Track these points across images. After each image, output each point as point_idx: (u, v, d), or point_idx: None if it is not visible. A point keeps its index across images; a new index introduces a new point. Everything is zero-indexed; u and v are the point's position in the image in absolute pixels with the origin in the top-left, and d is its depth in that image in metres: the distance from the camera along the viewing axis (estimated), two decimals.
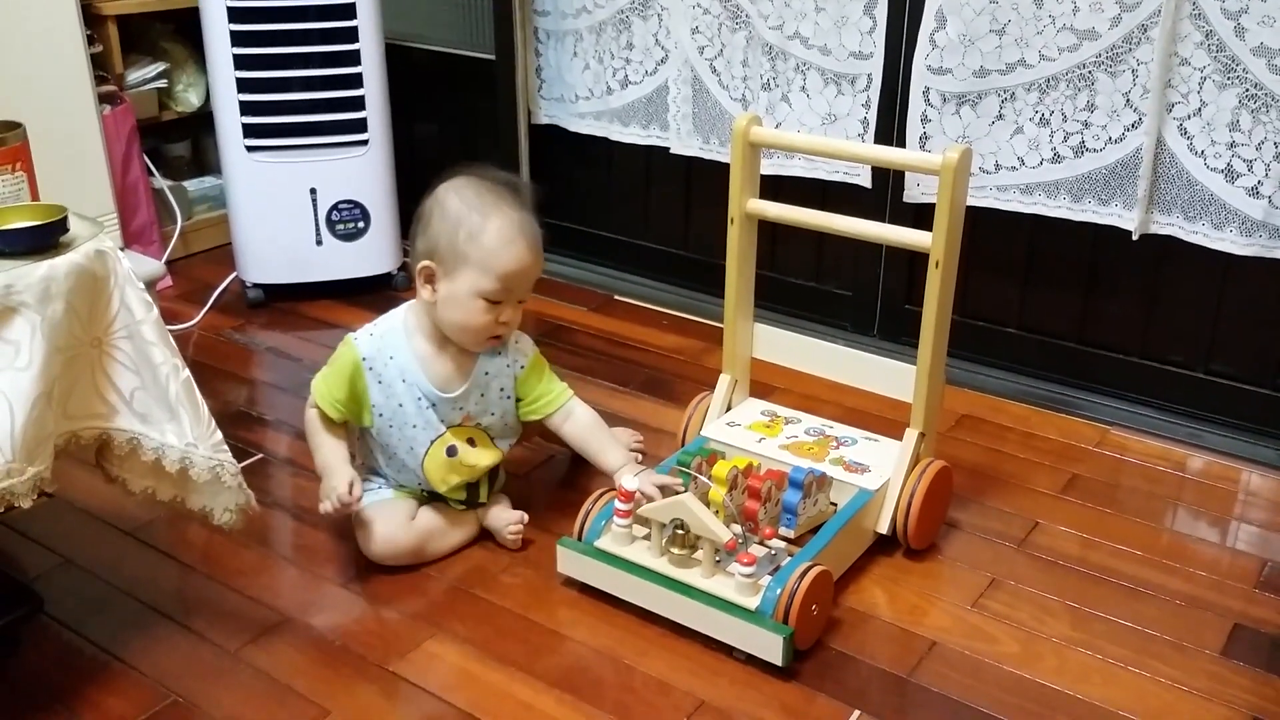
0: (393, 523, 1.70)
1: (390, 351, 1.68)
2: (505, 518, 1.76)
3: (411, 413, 1.69)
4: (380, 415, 1.70)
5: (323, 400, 1.69)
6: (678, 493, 1.60)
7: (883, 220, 2.23)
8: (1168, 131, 1.99)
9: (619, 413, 2.15)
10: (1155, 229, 2.05)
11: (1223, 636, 1.59)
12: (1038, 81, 2.07)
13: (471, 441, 1.72)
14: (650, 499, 1.61)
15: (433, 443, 1.70)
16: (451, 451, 1.71)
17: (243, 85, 2.48)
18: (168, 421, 1.43)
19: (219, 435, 1.46)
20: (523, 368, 1.74)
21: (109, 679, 1.51)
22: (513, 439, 1.79)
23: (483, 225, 1.61)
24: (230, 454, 1.47)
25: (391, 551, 1.70)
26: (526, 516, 1.77)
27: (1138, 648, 1.57)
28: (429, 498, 1.76)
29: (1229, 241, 1.98)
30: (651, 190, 2.70)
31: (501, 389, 1.73)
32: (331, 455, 1.69)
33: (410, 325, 1.70)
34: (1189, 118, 1.96)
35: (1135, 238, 2.04)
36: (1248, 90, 1.89)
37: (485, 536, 1.79)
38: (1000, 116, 2.13)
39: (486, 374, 1.71)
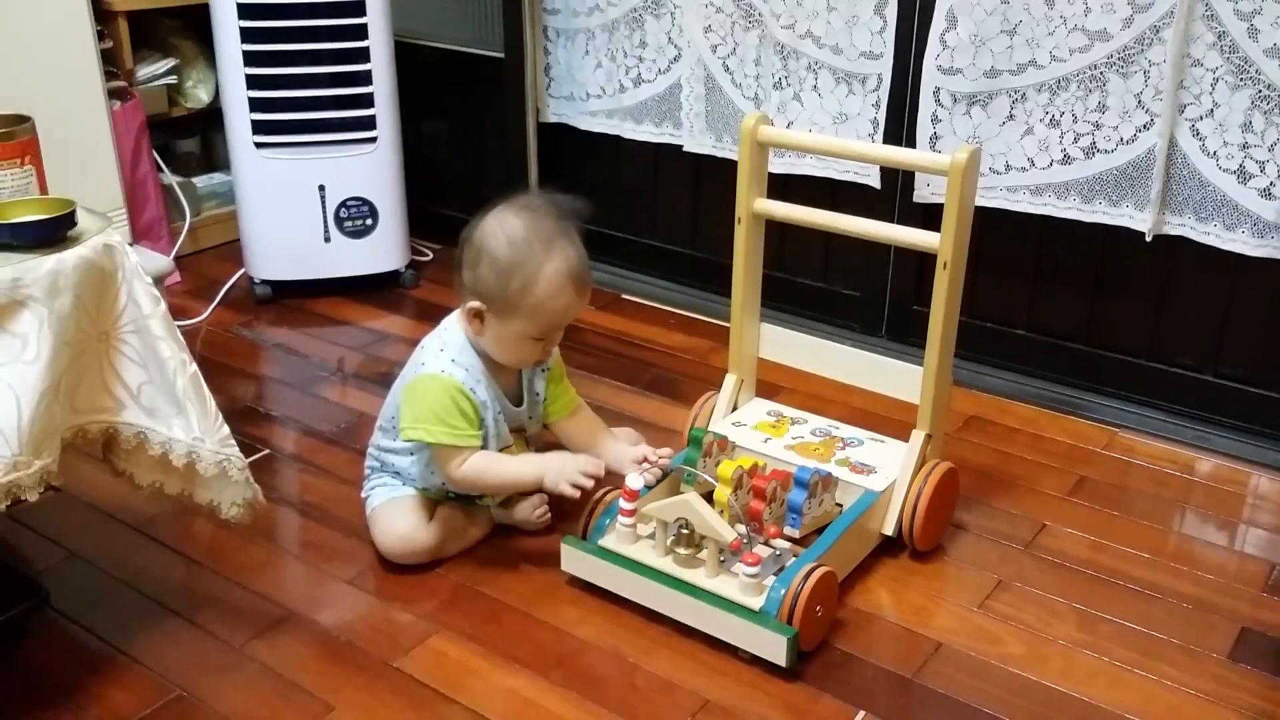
0: (412, 522, 1.70)
1: (475, 372, 1.67)
2: (527, 505, 1.77)
3: (492, 429, 1.70)
4: (482, 433, 1.68)
5: (460, 438, 1.63)
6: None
7: (892, 220, 2.23)
8: (1180, 132, 1.98)
9: (625, 411, 2.15)
10: (1167, 230, 2.04)
11: (1230, 640, 1.59)
12: (1049, 82, 2.06)
13: (510, 449, 1.75)
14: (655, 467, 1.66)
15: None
16: None
17: (252, 82, 2.48)
18: (175, 416, 1.43)
19: (226, 429, 1.46)
20: (549, 369, 1.77)
21: (114, 672, 1.51)
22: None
23: (535, 277, 1.59)
24: (237, 448, 1.47)
25: (410, 550, 1.70)
26: (546, 496, 1.76)
27: (1144, 650, 1.57)
28: (451, 497, 1.76)
29: (1241, 243, 1.97)
30: (659, 189, 2.69)
31: (538, 394, 1.77)
32: (523, 459, 1.69)
33: (472, 344, 1.69)
34: (1201, 119, 1.96)
35: (1149, 239, 2.04)
36: (1260, 91, 1.89)
37: (493, 533, 1.79)
38: (1011, 117, 2.12)
39: (530, 380, 1.75)
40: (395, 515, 1.71)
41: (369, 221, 2.64)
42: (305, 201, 2.59)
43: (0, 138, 1.47)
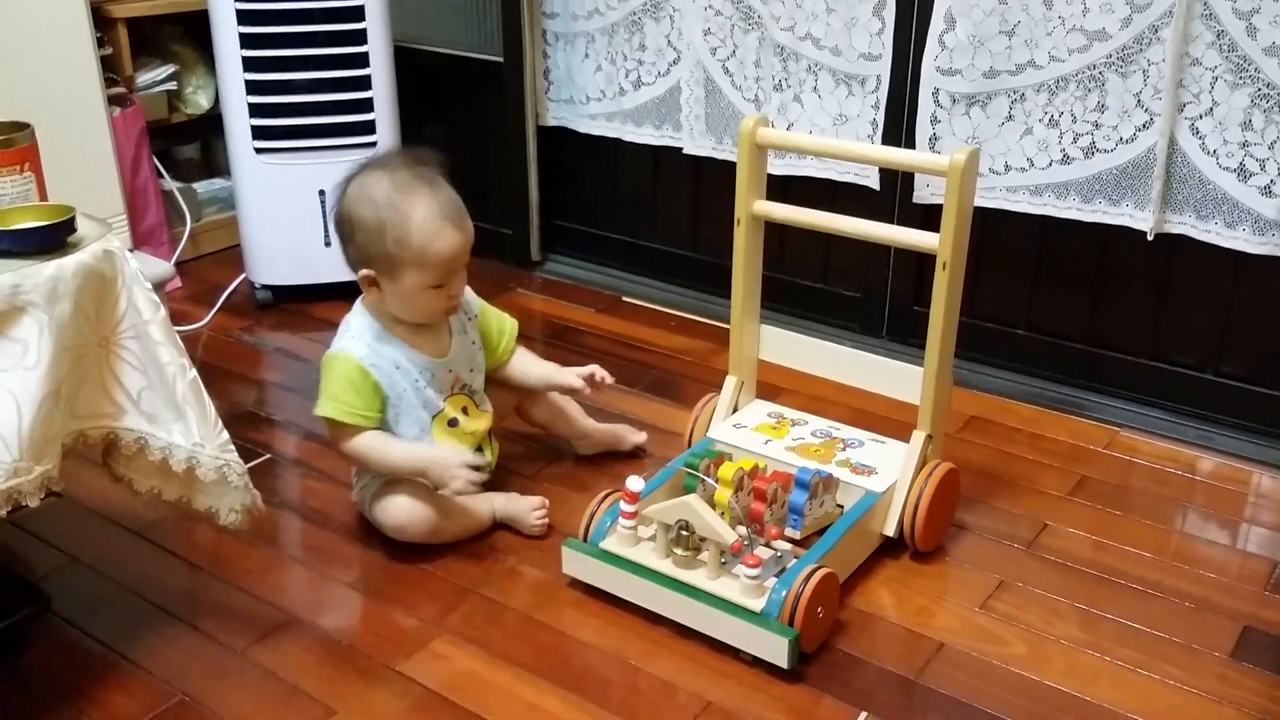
0: (411, 496, 1.71)
1: (377, 346, 1.70)
2: (526, 504, 1.78)
3: (412, 396, 1.72)
4: (392, 408, 1.72)
5: (351, 416, 1.68)
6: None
7: (892, 221, 2.23)
8: (1180, 131, 1.98)
9: (626, 413, 2.15)
10: (1167, 228, 2.04)
11: (1232, 639, 1.58)
12: (1048, 82, 2.06)
13: (465, 410, 1.77)
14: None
15: (433, 420, 1.74)
16: (453, 423, 1.75)
17: (252, 87, 2.49)
18: (174, 421, 1.43)
19: (225, 435, 1.46)
20: (477, 314, 1.83)
21: (116, 677, 1.52)
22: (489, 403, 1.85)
23: (405, 225, 1.63)
24: (237, 454, 1.48)
25: (409, 523, 1.70)
26: (548, 501, 1.79)
27: (1146, 650, 1.56)
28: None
29: (1242, 240, 1.97)
30: (659, 192, 2.70)
31: (473, 341, 1.81)
32: (408, 448, 1.71)
33: (378, 316, 1.72)
34: (1201, 117, 1.96)
35: (1150, 238, 2.04)
36: (1260, 90, 1.89)
37: (493, 534, 1.79)
38: (1010, 117, 2.12)
39: (462, 332, 1.79)
40: (395, 491, 1.72)
41: None
42: (305, 206, 2.59)
43: (0, 144, 1.47)
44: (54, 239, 1.37)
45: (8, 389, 1.30)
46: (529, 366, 1.90)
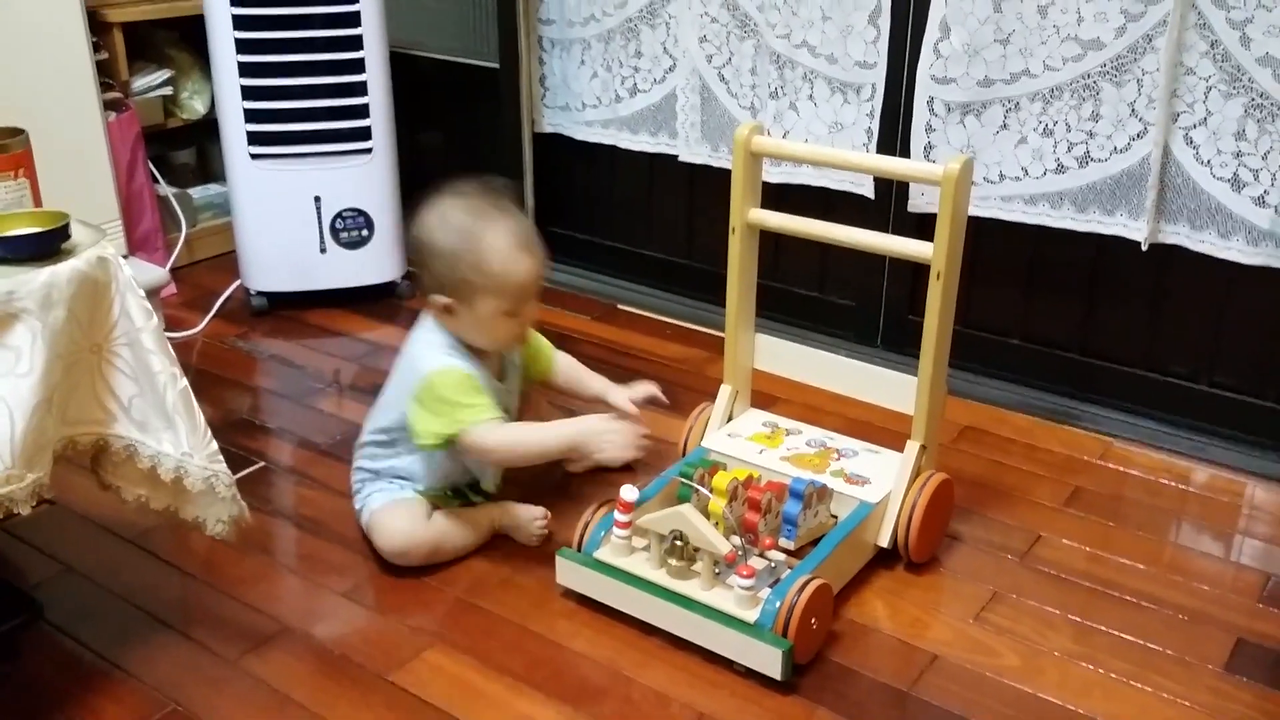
0: (413, 521, 1.71)
1: (468, 361, 1.71)
2: (528, 514, 1.78)
3: None
4: None
5: (485, 412, 1.65)
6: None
7: (886, 230, 2.23)
8: (1174, 141, 1.98)
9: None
10: (1161, 238, 2.04)
11: (1226, 651, 1.58)
12: (1042, 91, 2.07)
13: None
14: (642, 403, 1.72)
15: None
16: None
17: (247, 93, 2.48)
18: (164, 430, 1.43)
19: (214, 446, 1.46)
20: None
21: (108, 686, 1.51)
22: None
23: (481, 253, 1.64)
24: (225, 465, 1.47)
25: (412, 548, 1.70)
26: (549, 513, 1.79)
27: (1140, 662, 1.56)
28: (453, 495, 1.78)
29: (1236, 251, 1.97)
30: (654, 199, 2.70)
31: (516, 364, 1.83)
32: (553, 426, 1.72)
33: (451, 335, 1.72)
34: (1195, 127, 1.96)
35: (1144, 247, 2.04)
36: (1254, 100, 1.89)
37: (488, 546, 1.79)
38: (1004, 126, 2.12)
39: (512, 361, 1.81)
40: (396, 516, 1.72)
41: (365, 233, 2.64)
42: (301, 213, 2.59)
43: None
44: (48, 246, 1.37)
45: (1, 396, 1.30)
46: (583, 379, 1.91)
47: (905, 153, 2.23)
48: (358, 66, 2.52)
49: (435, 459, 1.73)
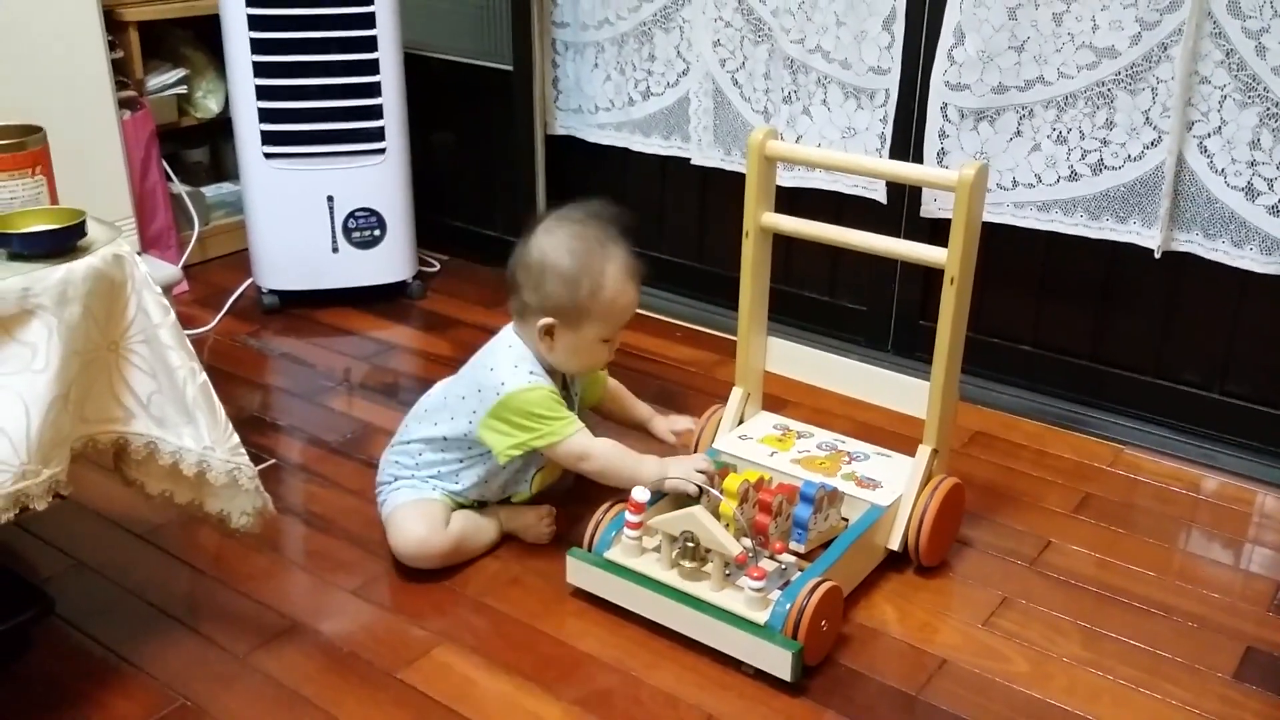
0: (430, 525, 1.71)
1: (550, 379, 1.72)
2: (534, 514, 1.79)
3: None
4: None
5: (573, 424, 1.68)
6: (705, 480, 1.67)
7: (899, 235, 2.23)
8: (1188, 149, 1.98)
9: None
10: (1174, 246, 2.04)
11: (1235, 659, 1.58)
12: (1056, 99, 2.07)
13: None
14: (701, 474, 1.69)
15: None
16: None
17: (262, 92, 2.49)
18: (185, 425, 1.43)
19: (236, 438, 1.47)
20: None
21: (118, 681, 1.52)
22: None
23: (601, 279, 1.68)
24: (247, 457, 1.48)
25: (426, 553, 1.71)
26: (554, 510, 1.80)
27: (1149, 669, 1.56)
28: (468, 504, 1.78)
29: (1249, 259, 1.97)
30: (667, 202, 2.70)
31: (577, 393, 1.84)
32: (649, 458, 1.71)
33: (538, 355, 1.73)
34: (1209, 136, 1.96)
35: (1157, 255, 2.04)
36: (1268, 109, 1.89)
37: (498, 545, 1.79)
38: (1018, 133, 2.12)
39: (574, 381, 1.82)
40: (415, 518, 1.72)
41: (377, 232, 2.65)
42: (314, 212, 2.59)
43: (12, 148, 1.47)
44: (64, 243, 1.37)
45: (16, 392, 1.30)
46: (629, 405, 1.96)
47: (918, 158, 2.23)
48: (372, 67, 2.53)
49: (499, 474, 1.74)
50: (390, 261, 2.69)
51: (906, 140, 2.25)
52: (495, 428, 1.69)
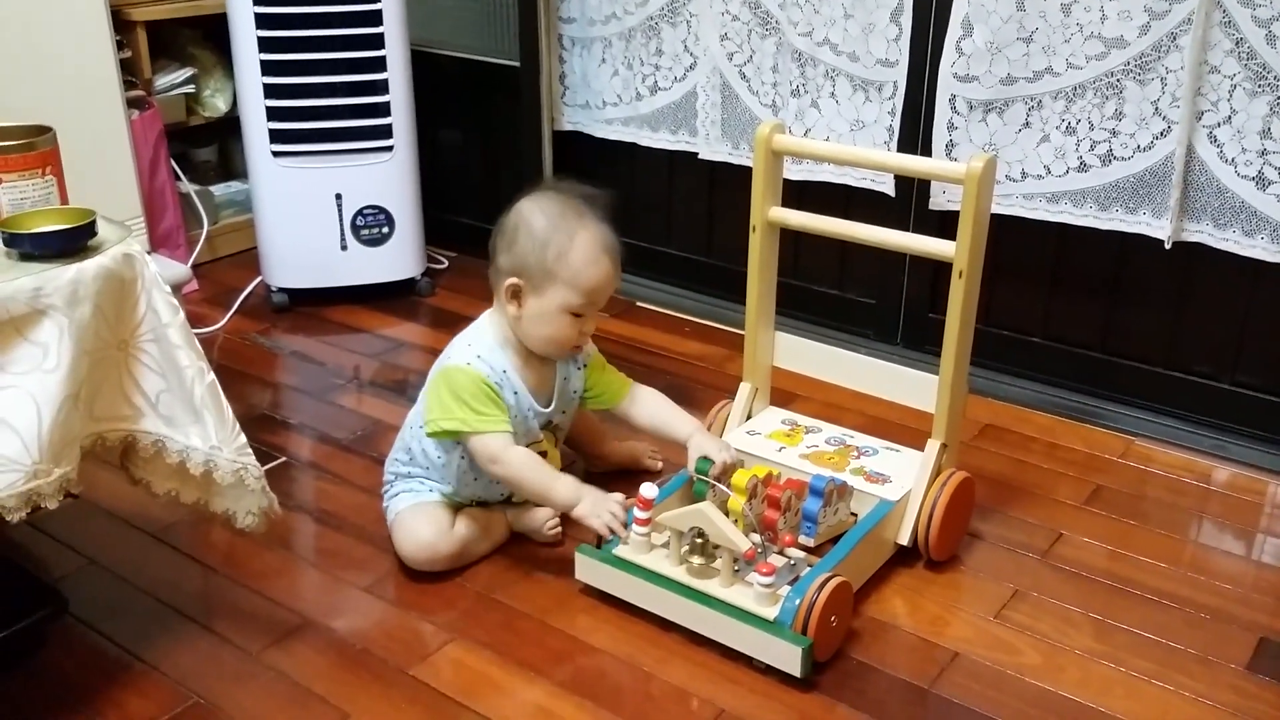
0: (436, 528, 1.71)
1: (501, 368, 1.70)
2: (539, 516, 1.78)
3: (520, 425, 1.72)
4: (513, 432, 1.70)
5: (495, 424, 1.65)
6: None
7: (907, 228, 2.23)
8: (1197, 139, 1.97)
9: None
10: (1184, 237, 2.03)
11: (1248, 650, 1.58)
12: (1065, 89, 2.06)
13: (544, 454, 1.76)
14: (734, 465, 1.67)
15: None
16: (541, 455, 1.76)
17: (269, 91, 2.50)
18: (192, 424, 1.44)
19: (243, 438, 1.47)
20: (586, 365, 1.81)
21: (131, 679, 1.52)
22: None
23: (570, 243, 1.65)
24: (254, 457, 1.48)
25: (434, 557, 1.71)
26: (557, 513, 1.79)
27: (1161, 661, 1.56)
28: (474, 503, 1.78)
29: (1260, 249, 1.96)
30: (674, 197, 2.70)
31: (574, 390, 1.80)
32: (559, 481, 1.67)
33: (503, 340, 1.72)
34: (1219, 125, 1.95)
35: (1168, 246, 2.03)
36: (1279, 98, 1.88)
37: (508, 542, 1.79)
38: (1027, 124, 2.12)
39: (565, 380, 1.78)
40: (419, 522, 1.72)
41: (385, 230, 2.65)
42: (322, 210, 2.60)
43: (22, 148, 1.47)
44: (75, 243, 1.38)
45: (28, 391, 1.31)
46: (672, 422, 1.79)
47: (927, 151, 2.22)
48: (379, 65, 2.53)
49: (459, 462, 1.72)
50: (399, 259, 2.69)
51: (915, 133, 2.24)
52: (428, 398, 1.70)
